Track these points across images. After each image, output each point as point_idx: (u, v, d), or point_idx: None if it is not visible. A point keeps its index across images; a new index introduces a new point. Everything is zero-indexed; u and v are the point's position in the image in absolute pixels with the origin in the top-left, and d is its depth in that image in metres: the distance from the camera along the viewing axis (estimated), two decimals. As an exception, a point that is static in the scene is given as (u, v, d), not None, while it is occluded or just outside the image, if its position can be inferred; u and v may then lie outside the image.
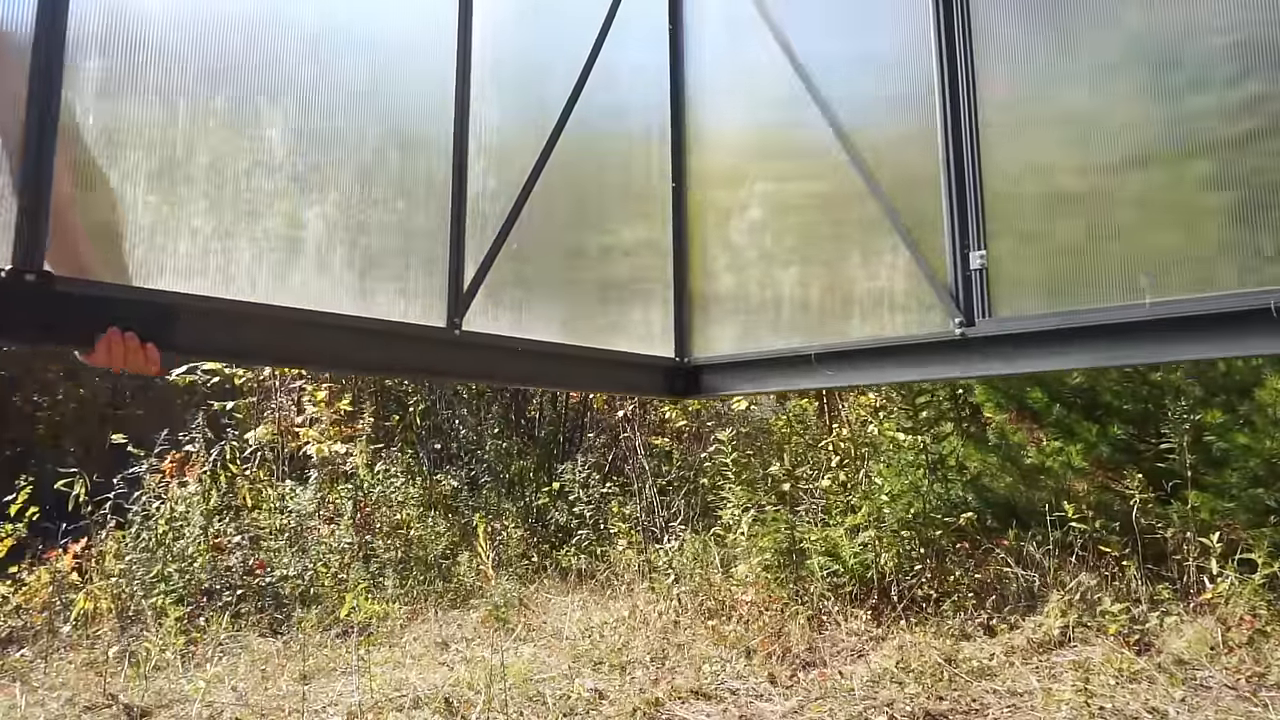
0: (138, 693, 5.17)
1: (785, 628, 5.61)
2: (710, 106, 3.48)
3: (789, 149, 3.27)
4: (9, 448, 9.39)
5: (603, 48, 3.20)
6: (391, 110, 2.60)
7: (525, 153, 2.92)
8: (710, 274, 3.37)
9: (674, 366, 3.38)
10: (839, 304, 2.99)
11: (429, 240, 2.64)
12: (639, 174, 3.46)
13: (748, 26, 3.33)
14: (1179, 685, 4.47)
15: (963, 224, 2.69)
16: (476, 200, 2.75)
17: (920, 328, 2.75)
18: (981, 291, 2.63)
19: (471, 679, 5.06)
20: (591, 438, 9.56)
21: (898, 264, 2.84)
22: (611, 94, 3.33)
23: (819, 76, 3.12)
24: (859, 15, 3.18)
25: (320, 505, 7.71)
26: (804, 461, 7.34)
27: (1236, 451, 5.39)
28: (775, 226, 3.24)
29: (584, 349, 3.06)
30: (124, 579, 6.44)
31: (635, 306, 3.36)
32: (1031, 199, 2.64)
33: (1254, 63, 2.31)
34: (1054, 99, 2.64)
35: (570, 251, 3.15)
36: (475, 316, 2.70)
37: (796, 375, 3.10)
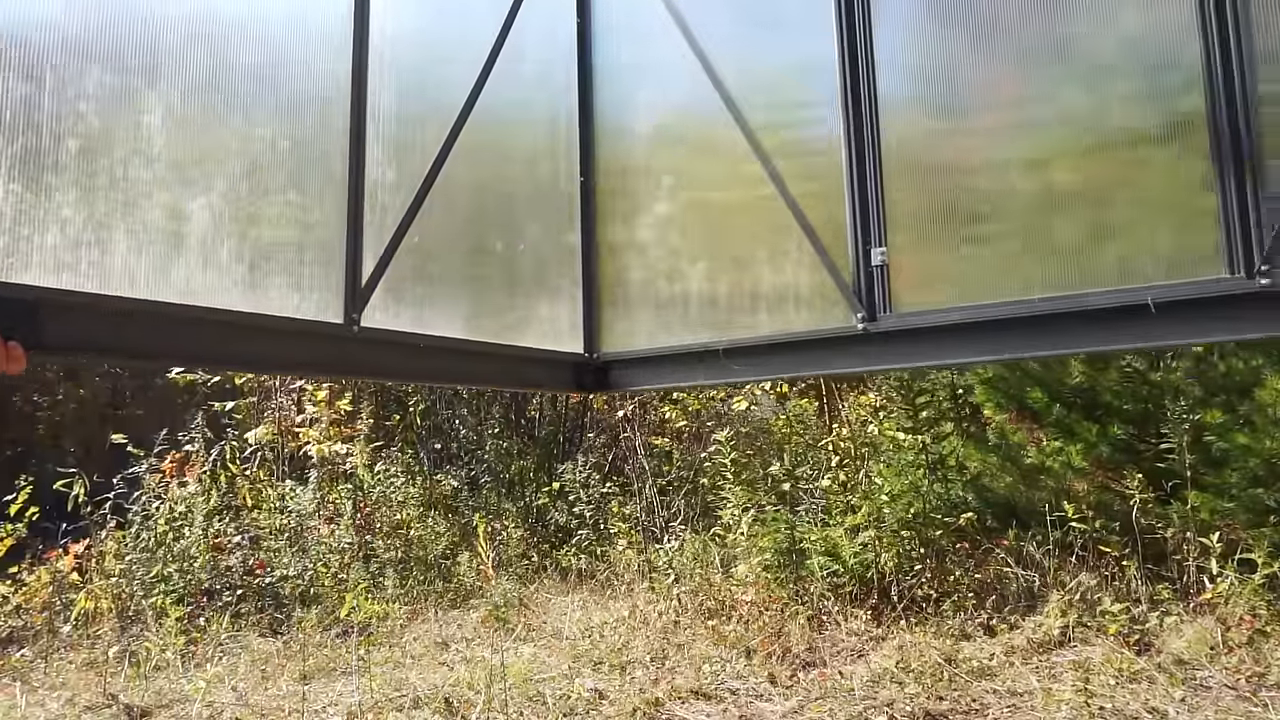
0: (138, 693, 5.17)
1: (785, 628, 5.61)
2: (619, 101, 3.46)
3: (697, 145, 3.29)
4: (9, 448, 9.39)
5: (508, 39, 3.13)
6: (282, 97, 2.46)
7: (427, 144, 2.84)
8: (619, 269, 3.36)
9: (582, 362, 3.36)
10: (746, 299, 3.05)
11: (325, 233, 2.52)
12: (546, 168, 3.40)
13: (657, 23, 3.31)
14: (1179, 685, 4.47)
15: (864, 222, 2.80)
16: (375, 192, 2.65)
17: (825, 323, 2.85)
18: (883, 287, 2.73)
19: (471, 679, 5.06)
20: (591, 438, 9.56)
21: (803, 260, 2.93)
22: (518, 86, 3.26)
23: (727, 74, 3.16)
24: (767, 15, 3.22)
25: (320, 505, 7.71)
26: (804, 461, 7.34)
27: (1236, 451, 5.39)
28: (683, 222, 3.26)
29: (490, 345, 3.00)
30: (124, 579, 6.44)
31: (542, 302, 3.30)
32: (931, 199, 2.75)
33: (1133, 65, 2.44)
34: (952, 103, 2.78)
35: (475, 246, 3.08)
36: (375, 312, 2.60)
37: (705, 370, 3.15)
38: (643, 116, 3.43)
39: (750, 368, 3.07)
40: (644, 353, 3.28)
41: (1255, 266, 2.18)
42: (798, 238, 2.92)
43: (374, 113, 2.66)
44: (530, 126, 3.37)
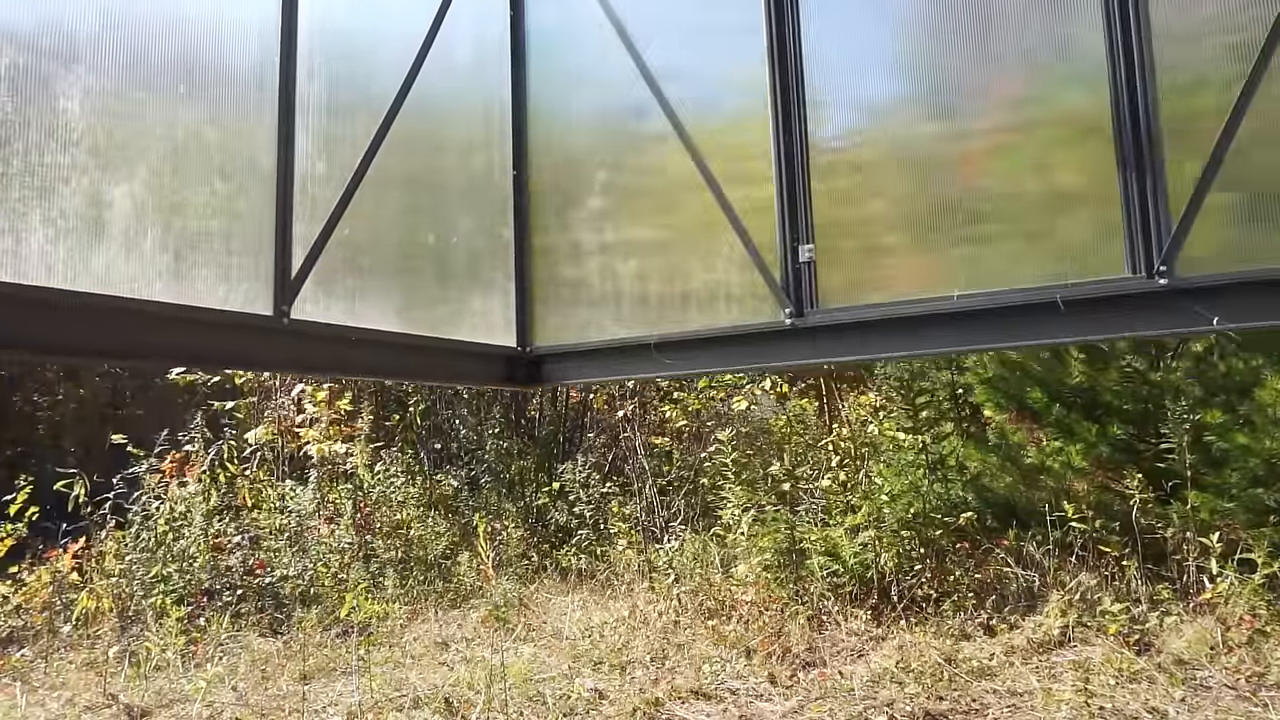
0: (138, 693, 5.17)
1: (785, 628, 5.61)
2: (553, 96, 3.47)
3: (631, 141, 3.32)
4: (9, 448, 9.39)
5: (440, 31, 3.11)
6: (207, 85, 2.40)
7: (358, 136, 2.81)
8: (552, 264, 3.38)
9: (515, 355, 3.37)
10: (678, 295, 3.10)
11: (254, 224, 2.46)
12: (479, 161, 3.39)
13: (592, 19, 3.33)
14: (1179, 685, 4.47)
15: (793, 219, 2.88)
16: (305, 183, 2.60)
17: (754, 318, 2.93)
18: (810, 284, 2.82)
19: (471, 679, 5.06)
20: (591, 438, 9.56)
21: (733, 257, 3.00)
22: (451, 80, 3.25)
23: (661, 73, 3.19)
24: (701, 14, 3.26)
25: (320, 505, 7.71)
26: (804, 461, 7.34)
27: (1236, 451, 5.39)
28: (616, 218, 3.29)
29: (422, 338, 2.99)
30: (124, 579, 6.44)
31: (475, 295, 3.29)
32: (857, 197, 2.86)
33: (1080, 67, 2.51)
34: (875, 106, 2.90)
35: (407, 238, 3.05)
36: (305, 305, 2.55)
37: (638, 364, 3.20)
38: (576, 112, 3.45)
39: (681, 361, 3.14)
40: (577, 347, 3.31)
41: (1154, 267, 2.33)
42: (728, 235, 2.99)
43: (303, 104, 2.63)
44: (464, 120, 3.35)
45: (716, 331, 3.00)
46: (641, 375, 3.63)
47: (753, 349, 3.00)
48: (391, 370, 3.10)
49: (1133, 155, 2.40)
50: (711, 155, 3.06)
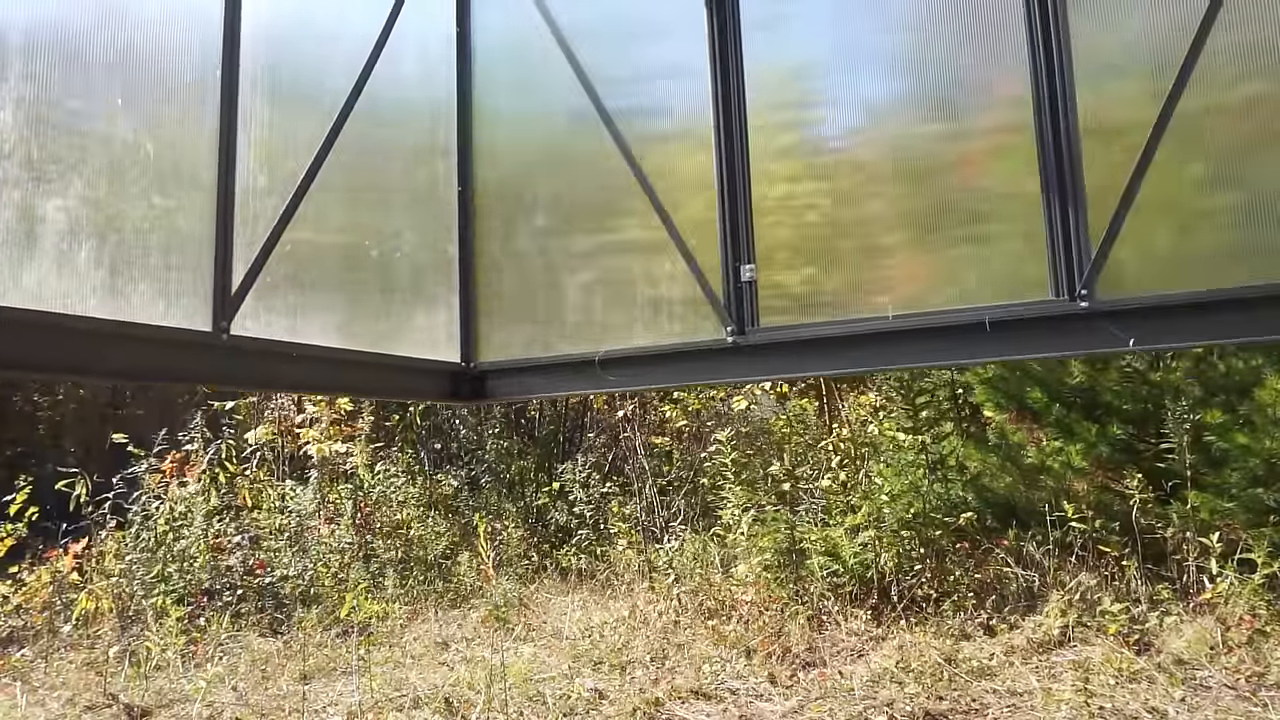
0: (138, 692, 5.17)
1: (785, 628, 5.61)
2: (499, 112, 3.49)
3: (575, 158, 3.34)
4: (9, 448, 9.40)
5: (386, 46, 3.09)
6: (146, 97, 2.35)
7: (301, 150, 2.77)
8: (497, 278, 3.38)
9: (459, 371, 3.35)
10: (622, 311, 3.14)
11: (193, 238, 2.42)
12: (424, 176, 3.38)
13: (537, 36, 3.35)
14: (1179, 685, 4.47)
15: (734, 239, 2.96)
16: (246, 197, 2.56)
17: (696, 335, 2.99)
18: (751, 302, 2.90)
19: (471, 679, 5.06)
20: (591, 438, 9.56)
21: (676, 275, 3.05)
22: (397, 94, 3.23)
23: (607, 93, 3.23)
24: (642, 28, 3.31)
25: (320, 505, 7.71)
26: (804, 461, 7.34)
27: (1236, 451, 5.39)
28: (561, 234, 3.31)
29: (365, 354, 2.95)
30: (124, 579, 6.44)
31: (419, 310, 3.27)
32: (796, 218, 2.95)
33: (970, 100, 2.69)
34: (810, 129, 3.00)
35: (350, 253, 3.02)
36: (245, 320, 2.51)
37: (582, 379, 3.23)
38: (523, 128, 3.46)
39: (625, 377, 3.19)
40: (521, 362, 3.32)
41: (1076, 290, 2.46)
42: (672, 253, 3.04)
43: (246, 116, 2.59)
44: (409, 135, 3.35)
45: (660, 348, 3.05)
46: (585, 391, 3.64)
47: (696, 365, 3.06)
48: (333, 386, 3.10)
49: (1055, 184, 2.52)
50: (656, 174, 3.11)
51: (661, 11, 3.29)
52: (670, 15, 3.24)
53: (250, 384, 2.74)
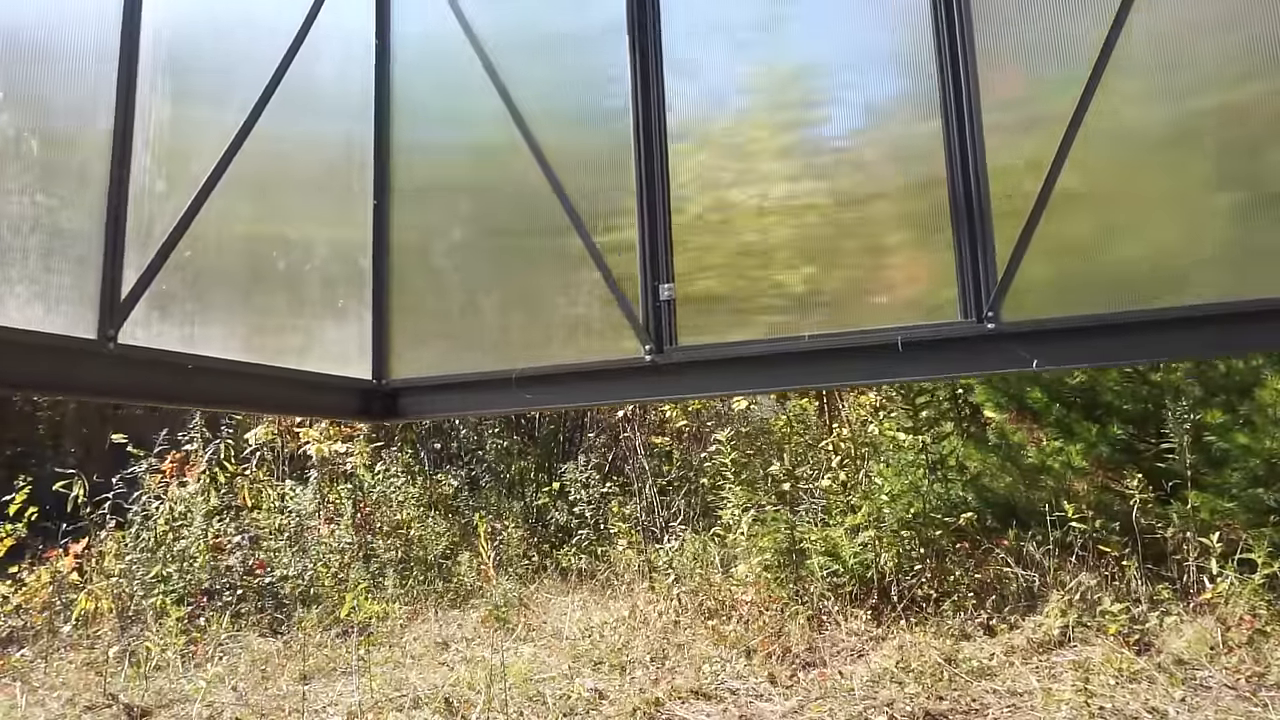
0: (138, 693, 5.17)
1: (785, 628, 5.61)
2: (417, 125, 3.43)
3: (496, 173, 3.29)
4: (9, 448, 9.39)
5: (300, 52, 3.02)
6: (30, 91, 2.23)
7: (205, 154, 2.65)
8: (411, 294, 3.31)
9: (370, 388, 3.26)
10: (540, 329, 3.10)
11: (79, 240, 2.26)
12: (338, 187, 3.24)
13: (456, 48, 3.31)
14: (1179, 685, 4.47)
15: (654, 258, 2.96)
16: (141, 200, 2.43)
17: (615, 353, 2.98)
18: (670, 321, 2.91)
19: (471, 679, 5.06)
20: (591, 438, 9.56)
21: (595, 293, 3.04)
22: (311, 103, 3.12)
23: (528, 108, 3.21)
24: (564, 51, 3.29)
25: (320, 505, 7.71)
26: (804, 461, 7.34)
27: (1236, 451, 5.39)
28: (479, 249, 3.25)
29: (269, 368, 2.81)
30: (124, 579, 6.44)
31: (329, 325, 3.14)
32: (712, 240, 2.96)
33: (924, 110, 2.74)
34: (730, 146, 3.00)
35: (256, 264, 2.88)
36: (135, 329, 2.37)
37: (498, 396, 3.20)
38: (442, 141, 3.41)
39: (543, 395, 3.18)
40: (435, 379, 3.25)
41: (984, 313, 2.57)
42: (591, 272, 3.03)
43: (144, 116, 2.47)
44: (323, 144, 3.25)
45: (578, 366, 3.03)
46: (502, 409, 3.63)
47: (614, 384, 3.06)
48: (233, 401, 2.94)
49: (964, 210, 2.63)
50: (576, 190, 3.10)
51: (583, 25, 3.27)
52: (593, 29, 3.23)
53: (140, 397, 2.60)
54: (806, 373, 2.87)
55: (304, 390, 3.05)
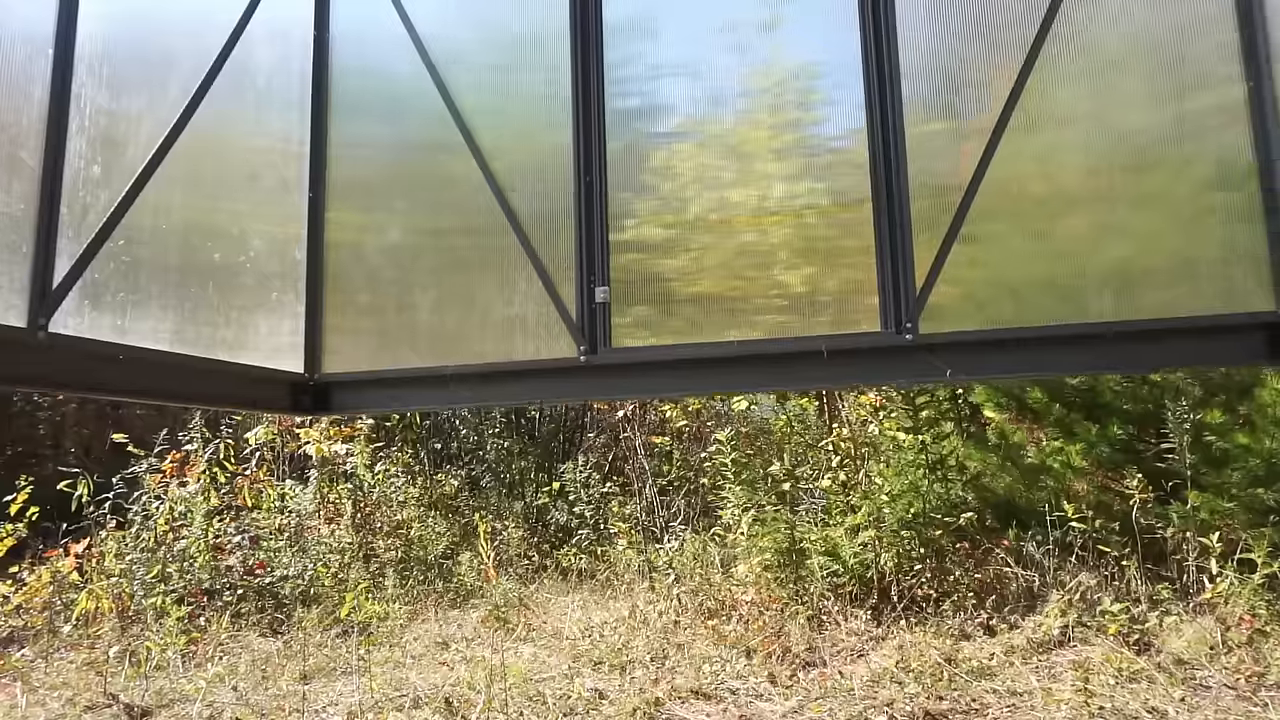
0: (138, 692, 5.17)
1: (785, 628, 5.61)
2: (355, 119, 3.41)
3: (434, 173, 3.30)
4: (9, 448, 9.39)
5: (239, 43, 3.00)
6: None
7: (142, 143, 2.61)
8: (346, 290, 3.30)
9: (300, 382, 3.24)
10: (476, 328, 3.13)
11: (10, 227, 2.23)
12: (273, 181, 3.22)
13: (396, 43, 3.31)
14: (1179, 685, 4.47)
15: (590, 262, 3.03)
16: (76, 187, 2.39)
17: (550, 353, 3.04)
18: (604, 324, 2.98)
19: (472, 679, 5.07)
20: (592, 438, 9.56)
21: (531, 294, 3.09)
22: (248, 95, 3.10)
23: (467, 105, 3.22)
24: (506, 50, 3.30)
25: (320, 505, 7.71)
26: (804, 461, 7.34)
27: (1236, 451, 5.39)
28: (416, 247, 3.26)
29: (201, 360, 2.79)
30: (124, 579, 6.44)
31: (262, 318, 3.12)
32: (643, 245, 3.04)
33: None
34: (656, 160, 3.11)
35: (191, 255, 2.85)
36: (67, 318, 2.34)
37: (432, 394, 3.23)
38: (379, 138, 3.39)
39: (477, 392, 3.22)
40: (368, 374, 3.25)
41: (903, 325, 2.73)
42: (528, 272, 3.08)
43: (80, 103, 2.43)
44: (259, 138, 3.23)
45: (513, 365, 3.07)
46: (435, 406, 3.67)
47: (548, 382, 3.13)
48: (164, 393, 2.91)
49: (887, 226, 2.78)
50: (514, 194, 3.14)
51: (526, 23, 3.28)
52: (535, 28, 3.25)
53: (71, 387, 2.57)
54: (735, 377, 3.00)
55: (235, 383, 3.05)
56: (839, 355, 2.81)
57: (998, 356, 2.73)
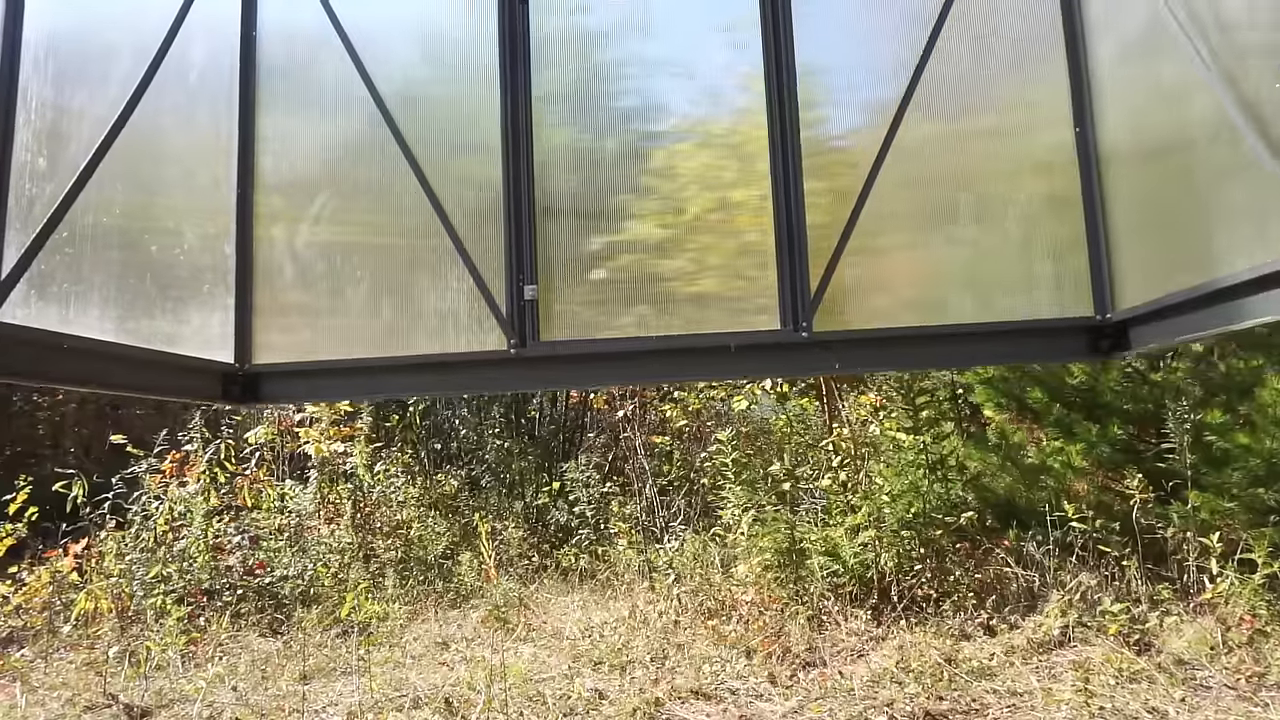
0: (138, 693, 5.17)
1: (785, 628, 5.61)
2: (286, 115, 3.44)
3: (365, 167, 3.35)
4: (9, 448, 9.39)
5: (175, 41, 3.02)
6: None
7: (84, 137, 2.66)
8: (277, 282, 3.35)
9: (230, 372, 3.30)
10: (408, 320, 3.23)
11: None
12: (205, 175, 3.28)
13: (324, 39, 3.36)
14: (1179, 685, 4.47)
15: (519, 260, 3.18)
16: (22, 178, 2.42)
17: (481, 346, 3.19)
18: (533, 319, 3.14)
19: (471, 679, 5.06)
20: (592, 437, 9.56)
21: (463, 289, 3.21)
22: (182, 89, 3.14)
23: (396, 103, 3.30)
24: (437, 54, 3.37)
25: (320, 505, 7.71)
26: (804, 461, 7.34)
27: (1237, 451, 5.39)
28: (347, 241, 3.32)
29: (139, 350, 2.85)
30: (124, 579, 6.44)
31: (194, 310, 3.18)
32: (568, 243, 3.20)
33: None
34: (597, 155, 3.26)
35: (131, 246, 2.92)
36: (14, 309, 2.38)
37: (363, 384, 3.34)
38: (311, 132, 3.43)
39: (409, 384, 3.37)
40: (299, 365, 3.30)
41: (799, 323, 3.03)
42: (459, 270, 3.20)
43: (27, 95, 2.46)
44: (193, 132, 3.27)
45: (444, 357, 3.18)
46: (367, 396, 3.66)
47: (479, 374, 3.26)
48: (104, 382, 2.95)
49: (786, 233, 3.08)
50: (445, 190, 3.23)
51: (453, 20, 3.34)
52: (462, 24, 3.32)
53: (19, 375, 2.59)
54: (656, 368, 3.26)
55: (169, 373, 3.08)
56: (746, 350, 3.10)
57: (878, 352, 3.13)
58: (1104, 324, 3.00)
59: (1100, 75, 3.08)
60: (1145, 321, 2.89)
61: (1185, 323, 2.62)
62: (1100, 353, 3.04)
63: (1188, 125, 2.59)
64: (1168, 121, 2.73)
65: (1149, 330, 2.88)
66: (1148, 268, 2.85)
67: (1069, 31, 3.15)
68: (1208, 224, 2.48)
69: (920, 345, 3.11)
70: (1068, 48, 3.14)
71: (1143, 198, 2.88)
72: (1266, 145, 2.19)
